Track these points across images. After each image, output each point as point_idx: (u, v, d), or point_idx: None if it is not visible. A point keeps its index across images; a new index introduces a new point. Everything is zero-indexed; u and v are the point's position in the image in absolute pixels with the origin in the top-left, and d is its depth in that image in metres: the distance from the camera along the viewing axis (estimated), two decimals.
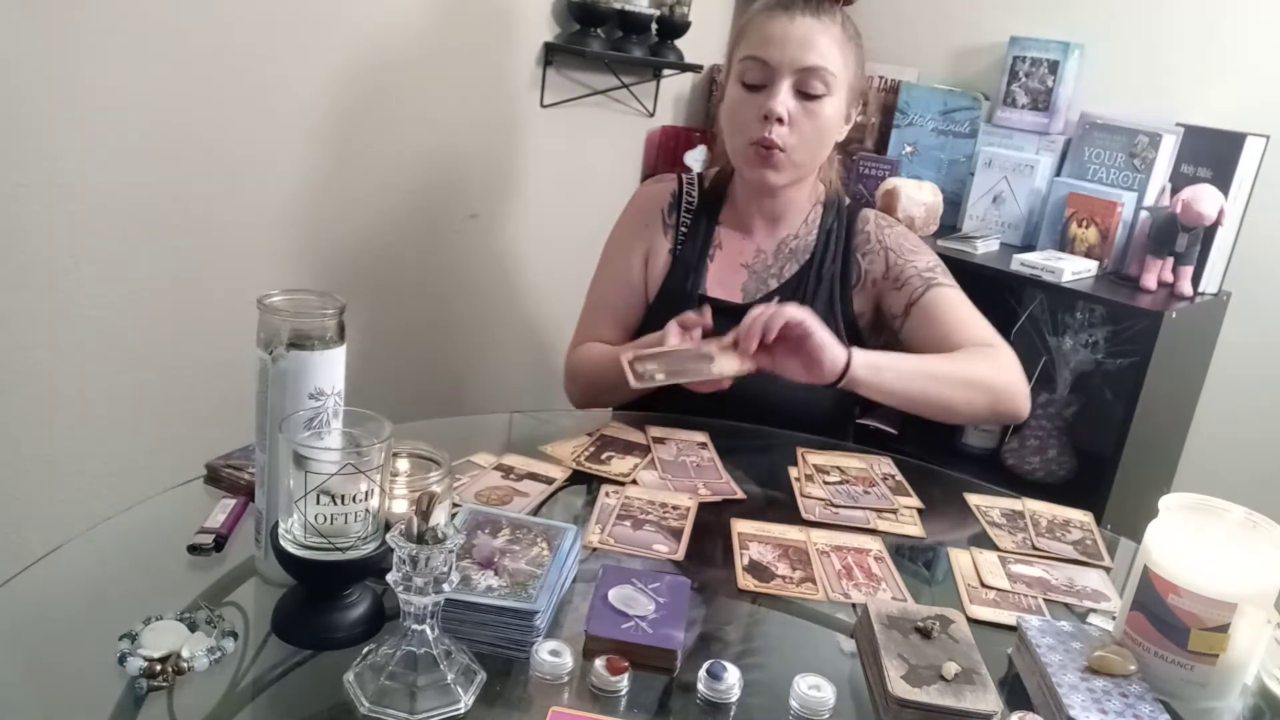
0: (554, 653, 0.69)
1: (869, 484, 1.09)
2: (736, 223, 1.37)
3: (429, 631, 0.65)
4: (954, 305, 1.27)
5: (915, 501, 1.06)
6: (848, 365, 1.11)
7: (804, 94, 1.22)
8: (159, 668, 0.65)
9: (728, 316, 1.28)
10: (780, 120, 1.21)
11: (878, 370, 1.14)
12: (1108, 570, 0.96)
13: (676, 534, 0.92)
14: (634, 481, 1.03)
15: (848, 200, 1.40)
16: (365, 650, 0.67)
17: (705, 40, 2.11)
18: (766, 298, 1.31)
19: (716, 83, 1.37)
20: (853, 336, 1.31)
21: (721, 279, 1.34)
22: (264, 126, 1.51)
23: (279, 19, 1.48)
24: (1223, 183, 1.74)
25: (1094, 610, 0.88)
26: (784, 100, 1.21)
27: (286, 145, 1.55)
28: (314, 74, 1.55)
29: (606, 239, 1.42)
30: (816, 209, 1.36)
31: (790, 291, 1.32)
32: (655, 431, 1.16)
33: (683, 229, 1.37)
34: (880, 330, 1.34)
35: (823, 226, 1.35)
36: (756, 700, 0.70)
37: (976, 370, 1.19)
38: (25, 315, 1.31)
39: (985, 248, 1.88)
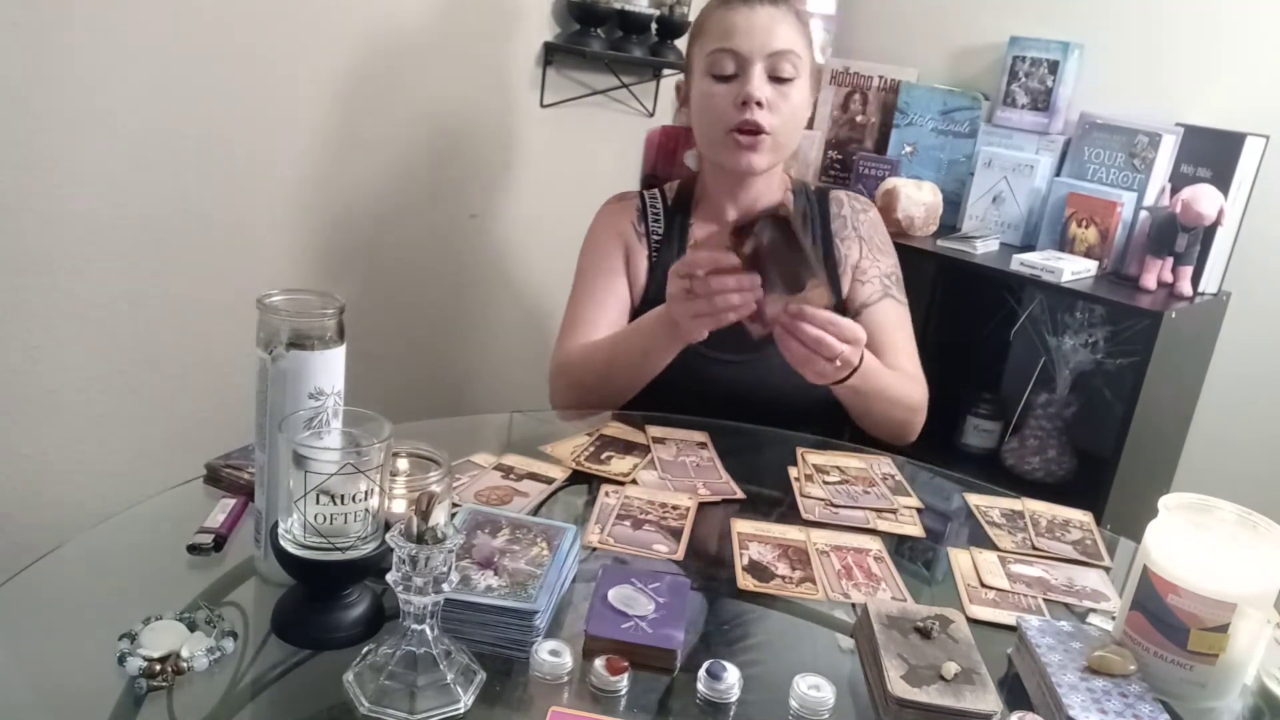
0: (554, 653, 0.69)
1: (869, 484, 1.09)
2: (710, 219, 1.38)
3: (429, 631, 0.65)
4: (900, 325, 1.34)
5: (915, 501, 1.06)
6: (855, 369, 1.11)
7: (776, 79, 1.24)
8: (159, 668, 0.65)
9: None
10: (760, 104, 1.23)
11: (869, 377, 1.16)
12: (1107, 570, 0.96)
13: (676, 534, 0.92)
14: (634, 481, 1.03)
15: (814, 186, 1.42)
16: (365, 650, 0.67)
17: None
18: None
19: (679, 90, 1.38)
20: None
21: None
22: (263, 126, 1.51)
23: (278, 19, 1.48)
24: (1222, 183, 1.74)
25: (1094, 610, 0.88)
26: (759, 85, 1.23)
27: (286, 145, 1.55)
28: (313, 74, 1.55)
29: (579, 262, 1.37)
30: (787, 195, 1.38)
31: None
32: (655, 431, 1.16)
33: (655, 237, 1.38)
34: None
35: (795, 210, 1.35)
36: (756, 700, 0.70)
37: (916, 402, 1.28)
38: (25, 315, 1.31)
39: (985, 248, 1.88)
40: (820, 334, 1.04)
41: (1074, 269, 1.73)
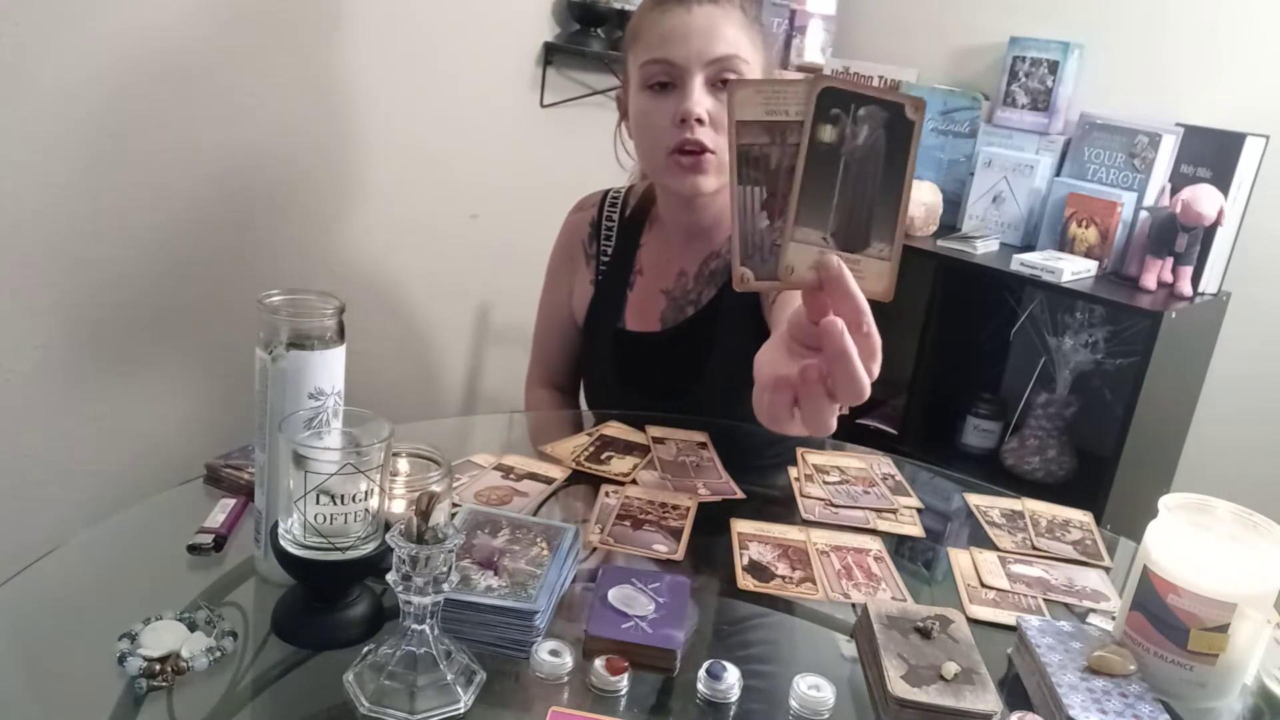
0: (554, 653, 0.69)
1: (869, 484, 1.08)
2: (661, 243, 1.28)
3: (429, 631, 0.65)
4: None
5: (915, 501, 1.06)
6: None
7: (719, 89, 1.11)
8: (159, 667, 0.65)
9: (648, 349, 1.25)
10: (700, 121, 1.10)
11: None
12: (1107, 570, 0.96)
13: (676, 534, 0.92)
14: (634, 481, 1.03)
15: None
16: (365, 650, 0.67)
17: None
18: (685, 324, 1.23)
19: (619, 103, 1.27)
20: None
21: (640, 309, 1.27)
22: (261, 127, 1.51)
23: (281, 20, 1.48)
24: (1222, 183, 1.74)
25: (1094, 610, 0.88)
26: (699, 99, 1.10)
27: (285, 146, 1.55)
28: (312, 74, 1.55)
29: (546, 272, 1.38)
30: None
31: (704, 319, 1.22)
32: (655, 431, 1.16)
33: (604, 257, 1.30)
34: None
35: None
36: (756, 700, 0.70)
37: None
38: (25, 315, 1.31)
39: (985, 248, 1.88)
40: (851, 350, 0.59)
41: (1074, 269, 1.74)
